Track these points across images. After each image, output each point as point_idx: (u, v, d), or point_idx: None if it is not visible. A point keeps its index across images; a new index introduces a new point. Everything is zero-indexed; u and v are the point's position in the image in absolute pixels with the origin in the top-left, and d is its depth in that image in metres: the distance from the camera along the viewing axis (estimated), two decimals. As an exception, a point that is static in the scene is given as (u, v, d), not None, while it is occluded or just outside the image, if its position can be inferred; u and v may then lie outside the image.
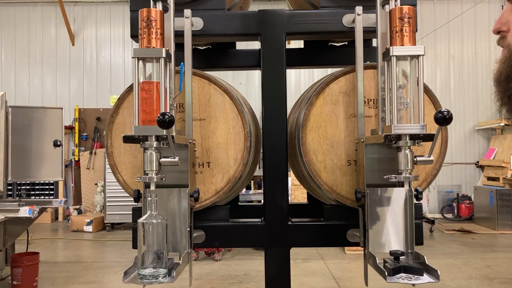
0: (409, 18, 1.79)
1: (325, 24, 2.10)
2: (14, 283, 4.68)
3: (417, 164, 1.78)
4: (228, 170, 2.04)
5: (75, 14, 10.78)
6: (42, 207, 4.55)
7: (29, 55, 10.73)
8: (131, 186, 2.05)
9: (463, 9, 10.41)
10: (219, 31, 2.12)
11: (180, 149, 1.86)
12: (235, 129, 2.04)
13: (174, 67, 1.90)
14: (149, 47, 1.74)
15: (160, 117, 1.54)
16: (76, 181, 10.32)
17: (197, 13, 2.07)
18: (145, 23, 1.74)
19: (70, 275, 5.74)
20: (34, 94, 10.63)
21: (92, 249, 7.54)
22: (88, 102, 10.65)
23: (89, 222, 8.63)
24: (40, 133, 4.65)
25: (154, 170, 1.70)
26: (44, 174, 4.72)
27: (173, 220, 1.87)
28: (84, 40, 10.80)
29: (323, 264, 6.12)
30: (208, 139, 2.05)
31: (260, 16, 2.12)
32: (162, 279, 1.63)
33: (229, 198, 2.32)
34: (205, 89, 2.06)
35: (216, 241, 2.14)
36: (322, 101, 2.04)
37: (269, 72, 2.12)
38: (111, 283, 5.41)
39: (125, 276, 1.70)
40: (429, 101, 1.99)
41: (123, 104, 2.08)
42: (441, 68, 10.72)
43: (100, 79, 10.74)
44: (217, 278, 5.59)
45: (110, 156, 2.08)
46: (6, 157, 4.45)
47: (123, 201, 8.21)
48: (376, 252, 1.82)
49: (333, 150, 2.03)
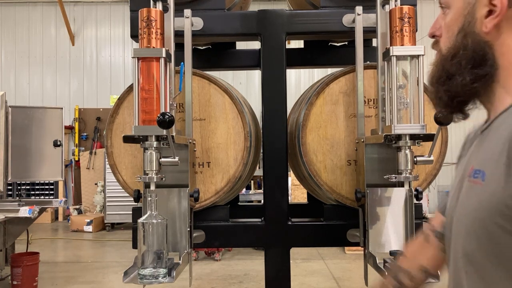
0: (409, 18, 1.80)
1: (325, 24, 2.10)
2: (14, 283, 4.68)
3: (417, 164, 1.78)
4: (228, 170, 2.04)
5: (75, 14, 10.78)
6: (42, 207, 4.55)
7: (29, 55, 10.73)
8: (131, 186, 2.05)
9: (463, 9, 10.41)
10: (219, 31, 2.12)
11: (180, 149, 1.86)
12: (235, 129, 2.04)
13: (174, 67, 1.90)
14: (149, 47, 1.74)
15: (160, 117, 1.54)
16: (76, 181, 10.32)
17: (197, 13, 2.07)
18: (145, 23, 1.74)
19: (70, 275, 5.74)
20: (34, 94, 10.63)
21: (92, 249, 7.54)
22: (88, 102, 10.64)
23: (89, 222, 8.63)
24: (40, 133, 4.65)
25: (154, 170, 1.70)
26: (44, 174, 4.72)
27: (173, 220, 1.87)
28: (84, 40, 10.80)
29: (323, 264, 6.12)
30: (208, 139, 2.05)
31: (260, 16, 2.12)
32: (162, 279, 1.63)
33: (229, 198, 2.32)
34: (205, 89, 2.06)
35: (216, 241, 2.14)
36: (322, 101, 2.04)
37: (269, 72, 2.12)
38: (111, 283, 5.42)
39: (125, 276, 1.70)
40: (429, 101, 1.99)
41: (123, 104, 2.08)
42: (441, 68, 10.72)
43: (100, 79, 10.74)
44: (217, 278, 5.59)
45: (110, 156, 2.08)
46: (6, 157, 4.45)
47: (123, 201, 8.20)
48: (376, 252, 1.82)
49: (333, 150, 2.03)
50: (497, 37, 0.90)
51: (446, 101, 0.96)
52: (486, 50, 0.90)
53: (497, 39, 0.90)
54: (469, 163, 0.94)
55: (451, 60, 0.94)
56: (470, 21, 0.91)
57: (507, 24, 0.89)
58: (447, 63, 0.95)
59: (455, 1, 0.95)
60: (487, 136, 0.91)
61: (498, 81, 0.90)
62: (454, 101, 0.95)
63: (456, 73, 0.92)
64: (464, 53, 0.91)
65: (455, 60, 0.93)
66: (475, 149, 0.95)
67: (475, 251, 0.85)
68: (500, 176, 0.80)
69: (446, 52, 0.96)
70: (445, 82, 0.94)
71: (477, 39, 0.91)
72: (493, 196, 0.81)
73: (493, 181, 0.81)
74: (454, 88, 0.93)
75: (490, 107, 0.95)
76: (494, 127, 0.89)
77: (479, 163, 0.88)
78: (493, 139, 0.87)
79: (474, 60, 0.90)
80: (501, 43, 0.90)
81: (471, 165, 0.91)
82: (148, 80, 1.73)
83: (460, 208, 0.92)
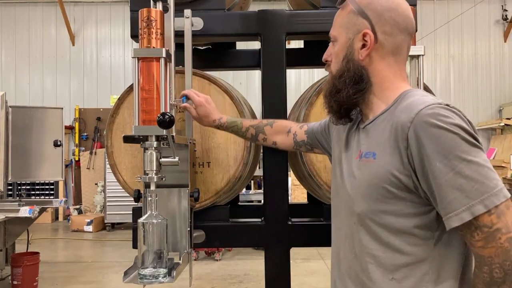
0: (409, 18, 1.79)
1: (325, 24, 2.10)
2: (14, 283, 4.68)
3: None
4: (228, 170, 2.04)
5: (75, 14, 10.78)
6: (42, 207, 4.55)
7: (29, 55, 10.73)
8: (131, 186, 2.05)
9: (463, 9, 10.41)
10: (219, 31, 2.12)
11: (180, 149, 1.86)
12: (235, 129, 2.03)
13: (174, 67, 1.90)
14: (149, 47, 1.74)
15: (160, 117, 1.54)
16: (76, 181, 10.32)
17: (197, 13, 2.07)
18: (145, 23, 1.74)
19: (70, 275, 5.75)
20: (34, 94, 10.64)
21: (92, 249, 7.54)
22: (88, 102, 10.65)
23: (89, 222, 8.63)
24: (40, 133, 4.65)
25: (154, 170, 1.70)
26: (44, 174, 4.72)
27: (173, 220, 1.87)
28: (84, 40, 10.80)
29: (323, 264, 6.13)
30: (208, 139, 2.05)
31: (260, 16, 2.12)
32: (162, 279, 1.63)
33: (229, 198, 2.32)
34: (205, 89, 2.06)
35: (216, 241, 2.14)
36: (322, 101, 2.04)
37: (269, 72, 2.12)
38: (111, 283, 5.42)
39: (125, 276, 1.70)
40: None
41: (123, 104, 2.08)
42: (441, 68, 10.72)
43: (100, 79, 10.74)
44: (217, 278, 5.59)
45: (110, 156, 2.08)
46: (6, 157, 4.46)
47: (123, 201, 8.21)
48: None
49: (333, 150, 2.03)
50: (370, 63, 1.27)
51: (336, 109, 1.31)
52: (363, 71, 1.27)
53: (370, 64, 1.27)
54: (355, 149, 1.30)
55: (338, 79, 1.29)
56: (351, 51, 1.28)
57: (376, 53, 1.26)
58: (336, 81, 1.30)
59: (341, 36, 1.31)
60: (371, 129, 1.26)
61: (373, 93, 1.28)
62: (342, 109, 1.31)
63: (342, 88, 1.28)
64: (348, 74, 1.27)
65: (342, 79, 1.28)
66: (360, 139, 1.29)
67: (367, 209, 1.20)
68: (387, 154, 1.16)
69: (335, 73, 1.31)
70: (335, 95, 1.30)
71: (356, 64, 1.27)
72: (382, 168, 1.16)
73: (382, 158, 1.17)
74: (341, 99, 1.28)
75: (368, 112, 1.30)
76: (377, 123, 1.24)
77: (368, 147, 1.24)
78: (378, 131, 1.22)
79: (354, 79, 1.26)
80: (373, 66, 1.27)
81: (359, 150, 1.28)
82: (148, 80, 1.73)
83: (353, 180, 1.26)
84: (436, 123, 1.07)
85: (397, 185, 1.14)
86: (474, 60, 10.72)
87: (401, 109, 1.18)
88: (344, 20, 1.31)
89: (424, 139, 1.08)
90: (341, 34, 1.31)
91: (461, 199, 1.05)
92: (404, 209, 1.15)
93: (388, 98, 1.26)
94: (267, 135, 1.84)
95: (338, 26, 1.32)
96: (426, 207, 1.14)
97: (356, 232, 1.24)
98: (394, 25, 1.25)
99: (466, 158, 1.05)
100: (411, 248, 1.15)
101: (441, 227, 1.13)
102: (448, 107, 1.12)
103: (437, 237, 1.15)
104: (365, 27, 1.26)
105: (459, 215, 1.05)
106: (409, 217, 1.15)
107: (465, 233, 1.08)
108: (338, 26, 1.32)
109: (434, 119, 1.08)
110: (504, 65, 10.72)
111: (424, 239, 1.15)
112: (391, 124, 1.17)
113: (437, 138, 1.07)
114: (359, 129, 1.33)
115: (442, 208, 1.08)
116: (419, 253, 1.15)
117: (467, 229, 1.07)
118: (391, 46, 1.26)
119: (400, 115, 1.16)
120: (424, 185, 1.11)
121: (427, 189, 1.10)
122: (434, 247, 1.15)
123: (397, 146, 1.14)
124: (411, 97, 1.20)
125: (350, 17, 1.29)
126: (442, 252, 1.15)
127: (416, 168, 1.11)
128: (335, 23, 1.35)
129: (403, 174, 1.13)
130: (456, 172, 1.05)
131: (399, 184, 1.13)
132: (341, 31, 1.31)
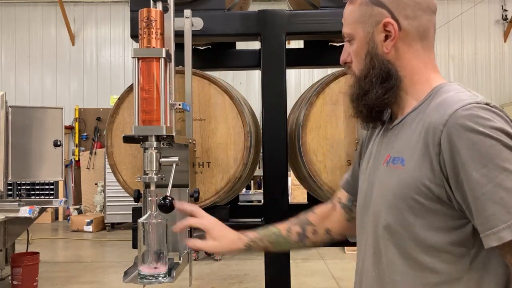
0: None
1: (325, 24, 2.10)
2: (14, 283, 4.68)
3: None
4: (228, 170, 2.04)
5: (75, 14, 10.78)
6: (42, 207, 4.54)
7: (29, 55, 10.73)
8: (131, 186, 2.05)
9: (463, 9, 10.41)
10: (219, 31, 2.12)
11: (180, 149, 1.86)
12: (235, 129, 2.04)
13: (174, 67, 1.90)
14: (149, 47, 1.73)
15: (161, 201, 1.56)
16: (76, 181, 10.32)
17: (197, 13, 2.07)
18: (145, 23, 1.74)
19: (70, 275, 5.74)
20: (34, 94, 10.63)
21: (92, 249, 7.54)
22: (88, 102, 10.64)
23: (89, 222, 8.63)
24: (40, 133, 4.65)
25: (154, 170, 1.70)
26: (44, 174, 4.72)
27: (173, 220, 1.87)
28: (84, 40, 10.80)
29: (323, 264, 6.13)
30: (208, 139, 2.05)
31: (260, 16, 2.12)
32: (162, 279, 1.63)
33: (229, 198, 2.32)
34: (205, 89, 2.06)
35: (216, 241, 2.13)
36: (322, 101, 2.05)
37: (269, 72, 2.12)
38: (111, 283, 5.42)
39: (125, 276, 1.70)
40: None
41: (123, 104, 2.08)
42: (441, 68, 10.51)
43: (100, 79, 10.74)
44: (217, 278, 5.59)
45: (110, 156, 2.08)
46: (6, 157, 4.45)
47: (123, 201, 8.20)
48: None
49: (333, 150, 2.03)
50: (396, 55, 1.12)
51: (366, 113, 1.16)
52: (389, 66, 1.12)
53: (396, 56, 1.12)
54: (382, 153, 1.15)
55: (364, 79, 1.14)
56: (374, 46, 1.13)
57: (402, 43, 1.12)
58: (361, 82, 1.15)
59: (357, 33, 1.16)
60: (401, 130, 1.12)
61: (402, 89, 1.13)
62: (373, 112, 1.16)
63: (370, 89, 1.13)
64: (374, 72, 1.13)
65: (368, 79, 1.13)
66: (388, 142, 1.15)
67: (394, 221, 1.06)
68: (417, 160, 1.02)
69: (359, 73, 1.17)
70: (362, 98, 1.15)
71: (381, 59, 1.12)
72: (411, 177, 1.02)
73: (411, 164, 1.03)
74: (371, 101, 1.13)
75: (398, 110, 1.16)
76: (407, 123, 1.10)
77: (397, 151, 1.09)
78: (408, 132, 1.08)
79: (382, 77, 1.12)
80: (400, 58, 1.12)
81: (387, 154, 1.12)
82: (148, 80, 1.73)
83: (381, 188, 1.12)
84: (474, 127, 0.93)
85: (427, 196, 1.00)
86: (474, 60, 10.72)
87: (433, 107, 1.04)
88: (356, 14, 1.16)
89: (459, 145, 0.94)
90: (357, 30, 1.16)
91: (501, 215, 0.91)
92: (436, 223, 1.01)
93: (419, 92, 1.12)
94: (315, 224, 1.46)
95: (352, 22, 1.18)
96: (461, 220, 1.00)
97: (383, 247, 1.10)
98: (415, 6, 1.11)
99: (509, 168, 0.91)
100: (444, 266, 1.02)
101: (477, 243, 0.99)
102: (488, 107, 0.97)
103: (473, 254, 1.01)
104: (384, 16, 1.11)
105: (498, 234, 0.91)
106: (442, 231, 1.01)
107: (505, 253, 0.95)
108: (352, 22, 1.18)
109: (471, 122, 0.94)
110: (504, 65, 10.72)
111: (459, 257, 1.01)
112: (422, 125, 1.03)
113: (473, 144, 0.93)
114: (388, 129, 1.19)
115: (479, 223, 0.95)
116: (453, 272, 1.02)
117: (507, 249, 0.93)
118: (417, 30, 1.12)
119: (432, 115, 1.01)
120: (459, 196, 0.97)
121: (462, 201, 0.97)
122: (470, 266, 1.01)
123: (427, 151, 1.00)
124: (445, 93, 1.05)
125: (363, 10, 1.15)
126: (480, 273, 1.01)
127: (450, 177, 0.97)
128: (346, 20, 1.20)
129: (434, 183, 0.99)
130: (496, 183, 0.91)
131: (430, 194, 1.00)
132: (357, 27, 1.16)
